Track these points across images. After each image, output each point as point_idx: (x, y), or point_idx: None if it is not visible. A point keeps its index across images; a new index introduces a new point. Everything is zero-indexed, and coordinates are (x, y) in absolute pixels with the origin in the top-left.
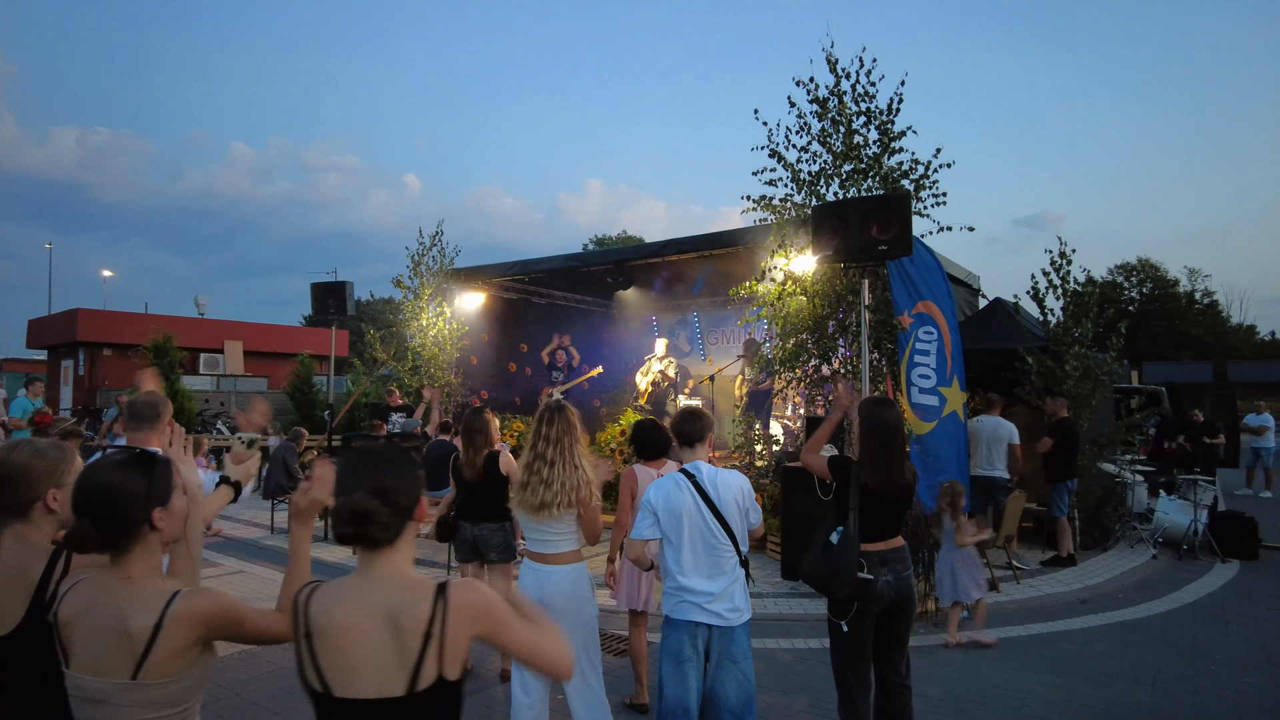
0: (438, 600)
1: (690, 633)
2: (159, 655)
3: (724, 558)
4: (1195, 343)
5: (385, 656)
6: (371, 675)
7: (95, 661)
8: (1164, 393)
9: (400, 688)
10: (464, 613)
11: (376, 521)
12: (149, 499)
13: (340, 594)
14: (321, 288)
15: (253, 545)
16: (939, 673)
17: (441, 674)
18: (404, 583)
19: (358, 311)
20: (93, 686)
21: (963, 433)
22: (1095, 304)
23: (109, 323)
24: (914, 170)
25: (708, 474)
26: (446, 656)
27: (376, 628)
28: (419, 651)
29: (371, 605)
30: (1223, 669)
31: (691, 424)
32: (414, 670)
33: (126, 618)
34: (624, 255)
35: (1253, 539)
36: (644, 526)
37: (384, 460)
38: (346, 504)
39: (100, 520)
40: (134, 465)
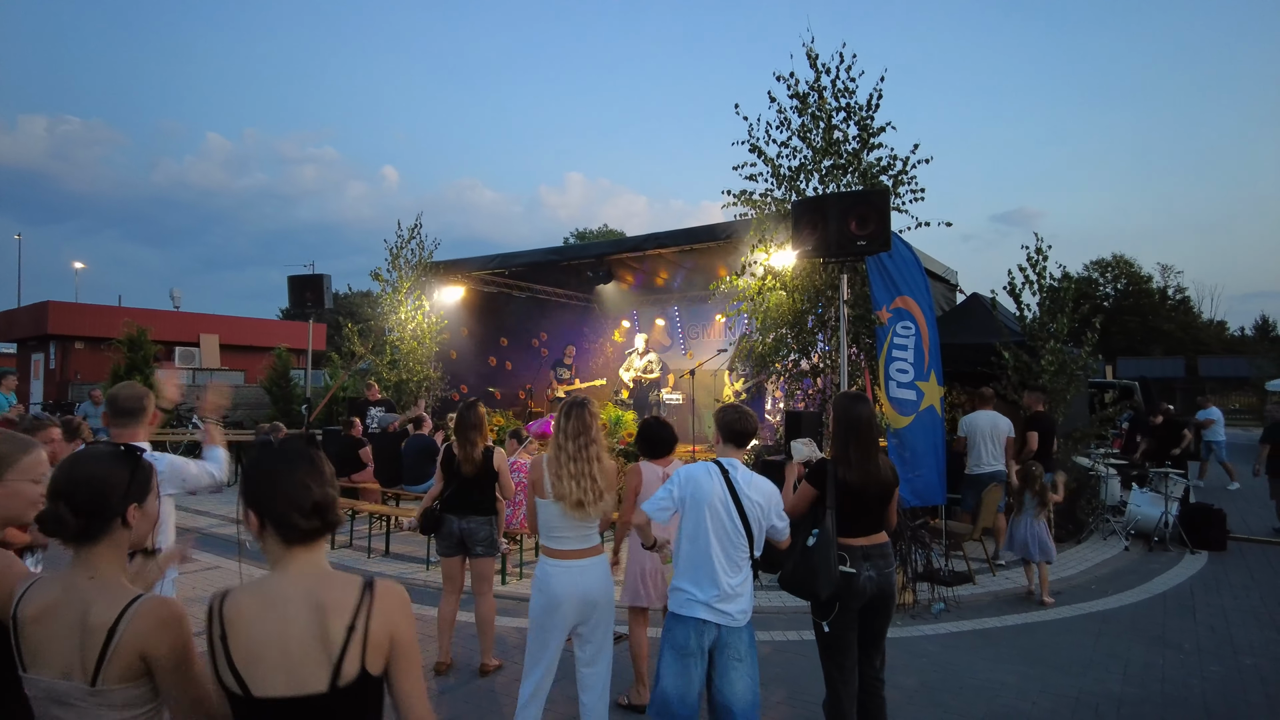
0: (364, 594)
1: (696, 629)
2: (117, 657)
3: (740, 556)
4: (1167, 338)
5: (306, 651)
6: (292, 671)
7: (60, 661)
8: (1137, 387)
9: (322, 683)
10: (386, 613)
11: (335, 506)
12: (128, 494)
13: (256, 589)
14: (299, 281)
15: (230, 541)
16: (914, 664)
17: (365, 668)
18: (325, 574)
19: (335, 305)
20: (57, 688)
21: (940, 426)
22: (1071, 299)
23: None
24: (893, 166)
25: (743, 473)
26: (370, 650)
27: (297, 622)
28: (342, 644)
29: (293, 599)
30: (1190, 658)
31: (746, 423)
32: (337, 664)
33: (87, 614)
34: (605, 249)
35: (1221, 531)
36: (661, 502)
37: (303, 452)
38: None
39: (79, 508)
40: (118, 458)
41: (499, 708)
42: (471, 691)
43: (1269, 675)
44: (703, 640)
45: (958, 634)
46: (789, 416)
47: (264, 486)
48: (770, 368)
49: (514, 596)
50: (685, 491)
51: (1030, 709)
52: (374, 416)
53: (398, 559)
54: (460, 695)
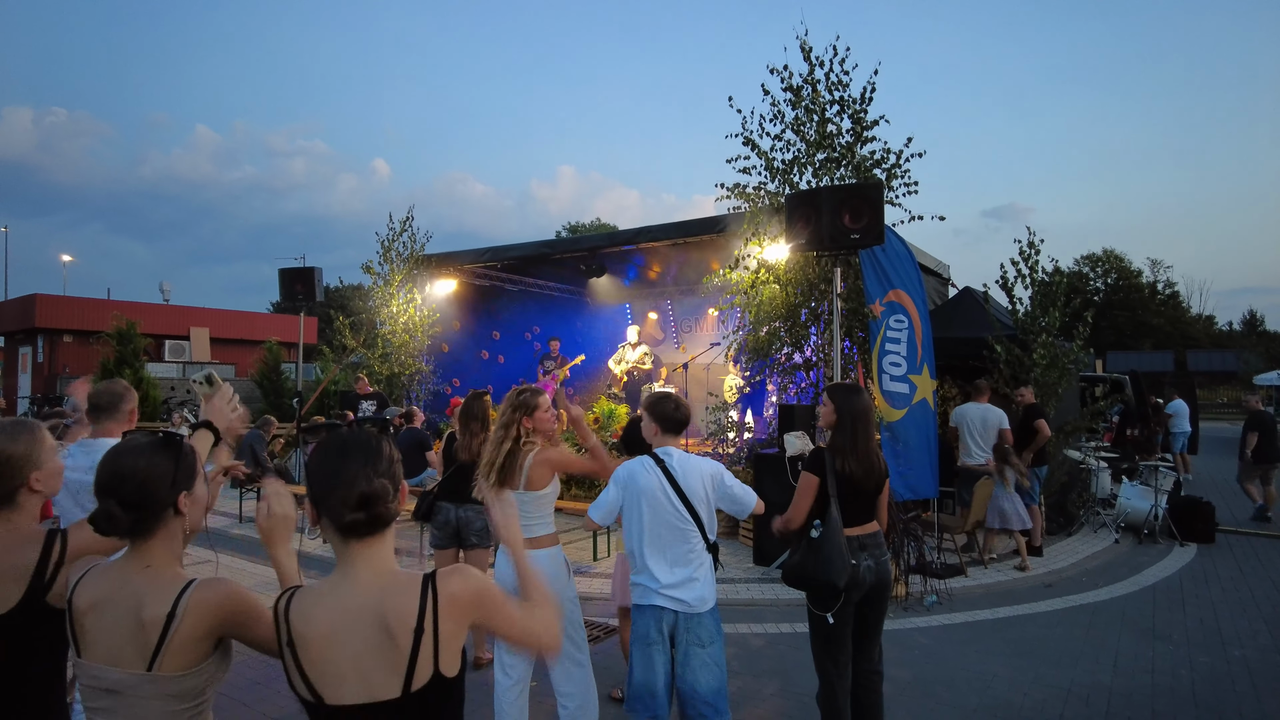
0: (425, 593)
1: (655, 617)
2: (173, 646)
3: (690, 544)
4: (1156, 332)
5: (375, 660)
6: (362, 680)
7: (112, 651)
8: (1127, 381)
9: (395, 690)
10: (455, 604)
11: (386, 502)
12: (175, 483)
13: (321, 598)
14: (289, 274)
15: (220, 534)
16: (907, 656)
17: (438, 670)
18: (388, 578)
19: (326, 298)
20: (109, 676)
21: (932, 420)
22: (1062, 294)
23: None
24: (886, 159)
25: (678, 459)
26: (442, 652)
27: (363, 630)
28: (411, 650)
29: (355, 607)
30: (1179, 649)
31: (677, 411)
32: (408, 670)
33: (142, 606)
34: (597, 242)
35: (1209, 523)
36: (604, 503)
37: (365, 441)
38: (352, 490)
39: (128, 502)
40: (161, 448)
41: (491, 699)
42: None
43: (1256, 666)
44: (663, 627)
45: (950, 626)
46: (782, 410)
47: (318, 477)
48: (764, 361)
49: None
50: (625, 488)
51: (1022, 700)
52: (365, 410)
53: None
54: None
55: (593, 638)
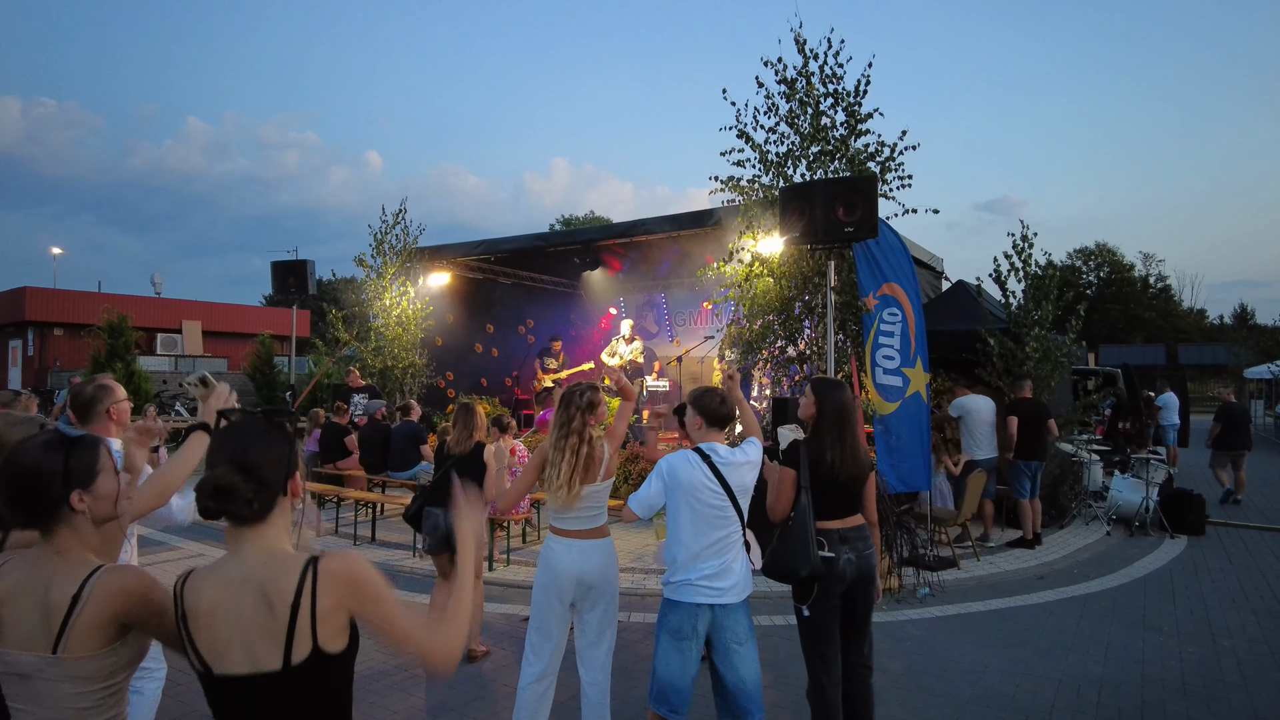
0: (306, 571)
1: (691, 614)
2: (78, 628)
3: (730, 537)
4: (1148, 326)
5: (257, 632)
6: (246, 651)
7: (23, 636)
8: (1120, 374)
9: (276, 662)
10: (333, 580)
11: (239, 497)
12: (66, 481)
13: (210, 574)
14: (282, 267)
15: (213, 529)
16: (899, 647)
17: (317, 645)
18: (272, 556)
19: (319, 291)
20: (19, 661)
21: (925, 413)
22: (1055, 287)
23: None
24: (880, 152)
25: (724, 453)
26: (321, 628)
27: (246, 603)
28: (288, 624)
29: (239, 581)
30: (1169, 640)
31: (723, 405)
32: (286, 643)
33: (49, 589)
34: (591, 235)
35: (1200, 515)
36: (645, 496)
37: (251, 434)
38: (210, 478)
39: (13, 500)
40: (52, 446)
41: (487, 693)
42: (460, 677)
43: (1245, 656)
44: (697, 624)
45: (942, 618)
46: (776, 403)
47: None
48: (757, 354)
49: (502, 583)
50: (668, 481)
51: (1014, 691)
52: (358, 404)
53: (384, 546)
54: (450, 683)
55: None
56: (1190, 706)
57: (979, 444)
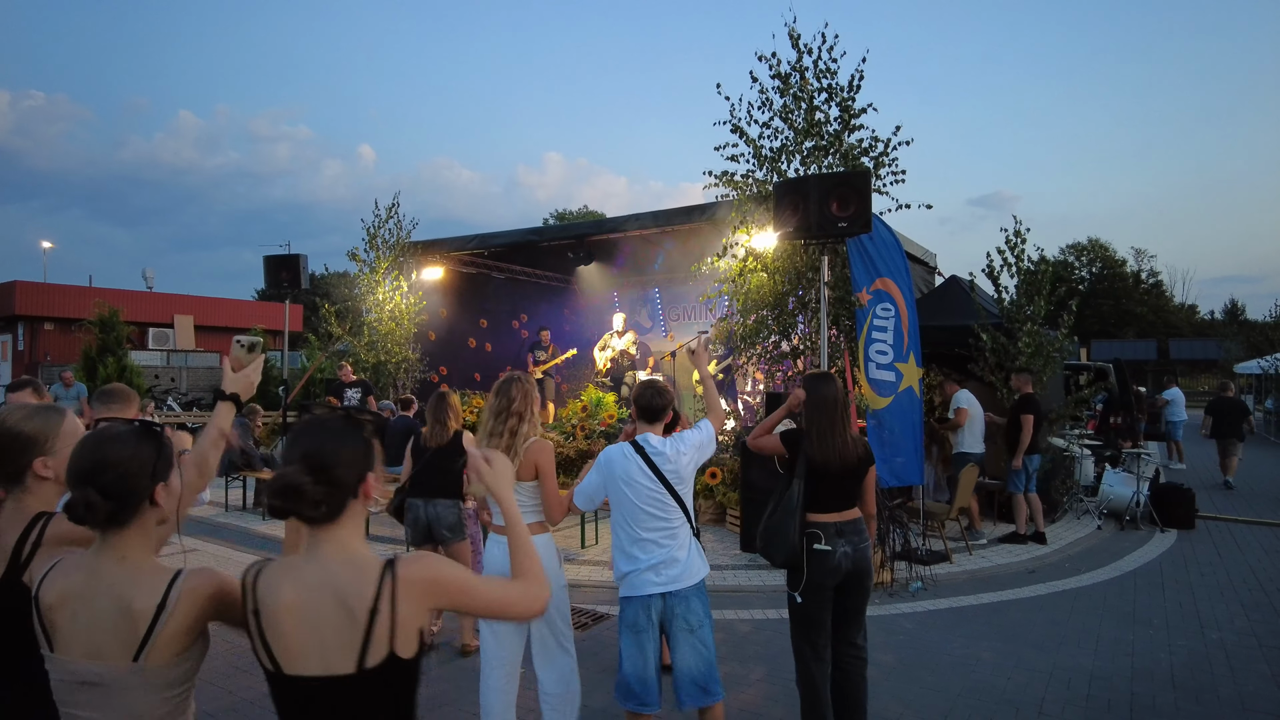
0: (384, 577)
1: (644, 604)
2: (164, 636)
3: (671, 523)
4: (1139, 321)
5: (331, 635)
6: (318, 654)
7: (90, 644)
8: (1111, 369)
9: (350, 666)
10: (414, 588)
11: (307, 498)
12: (155, 473)
13: (286, 573)
14: (274, 261)
15: (207, 523)
16: (891, 640)
17: (393, 651)
18: (349, 560)
19: (312, 285)
20: (88, 670)
21: (918, 408)
22: (1048, 282)
23: (50, 296)
24: (874, 148)
25: (655, 444)
26: (398, 634)
27: (322, 606)
28: (365, 629)
29: (317, 583)
30: (1158, 633)
31: (658, 399)
32: (361, 649)
33: (128, 598)
34: (585, 230)
35: (1189, 509)
36: (586, 489)
37: (325, 432)
38: (279, 476)
39: (109, 491)
40: (141, 436)
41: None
42: (453, 670)
43: (1233, 648)
44: (651, 614)
45: (934, 612)
46: (770, 398)
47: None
48: (749, 349)
49: None
50: (605, 474)
51: (1005, 684)
52: (351, 398)
53: (377, 540)
54: (443, 674)
55: (580, 624)
56: (1179, 698)
57: (972, 438)
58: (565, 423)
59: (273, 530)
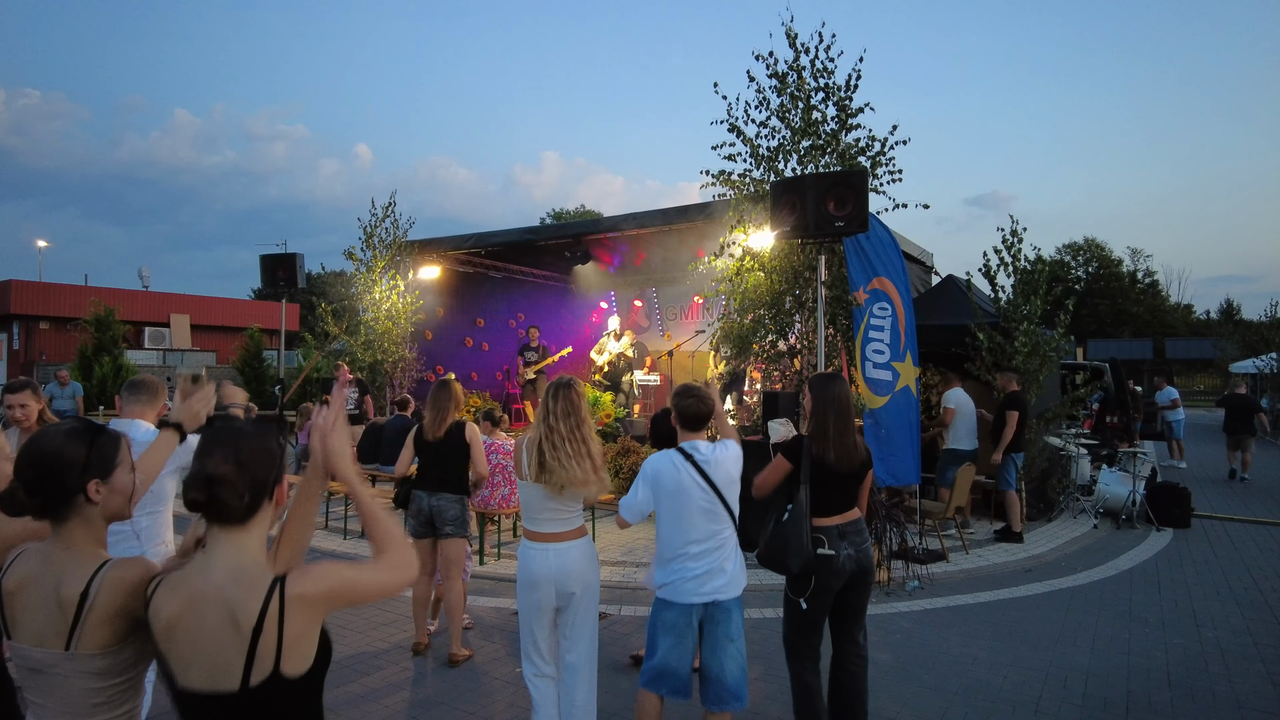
0: (271, 594)
1: (686, 611)
2: (89, 624)
3: (721, 534)
4: (1135, 320)
5: (218, 649)
6: (205, 667)
7: (35, 630)
8: (1108, 368)
9: (234, 683)
10: (305, 604)
11: (232, 489)
12: (85, 470)
13: (178, 583)
14: (271, 260)
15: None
16: (888, 639)
17: (278, 669)
18: (239, 573)
19: (309, 284)
20: (33, 655)
21: (915, 407)
22: (1044, 282)
23: (45, 295)
24: (871, 147)
25: (705, 451)
26: (285, 653)
27: (210, 619)
28: (249, 646)
29: (208, 595)
30: (1154, 631)
31: (702, 406)
32: (245, 666)
33: (60, 585)
34: (582, 229)
35: (1185, 508)
36: (634, 503)
37: (243, 432)
38: (202, 468)
39: (31, 486)
40: (76, 435)
41: (476, 686)
42: (449, 672)
43: (1228, 647)
44: (693, 619)
45: (931, 610)
46: (767, 397)
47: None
48: (749, 349)
49: (493, 576)
50: (654, 484)
51: (1001, 682)
52: (348, 399)
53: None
54: (439, 677)
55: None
56: (1174, 696)
57: (965, 435)
58: None
59: None
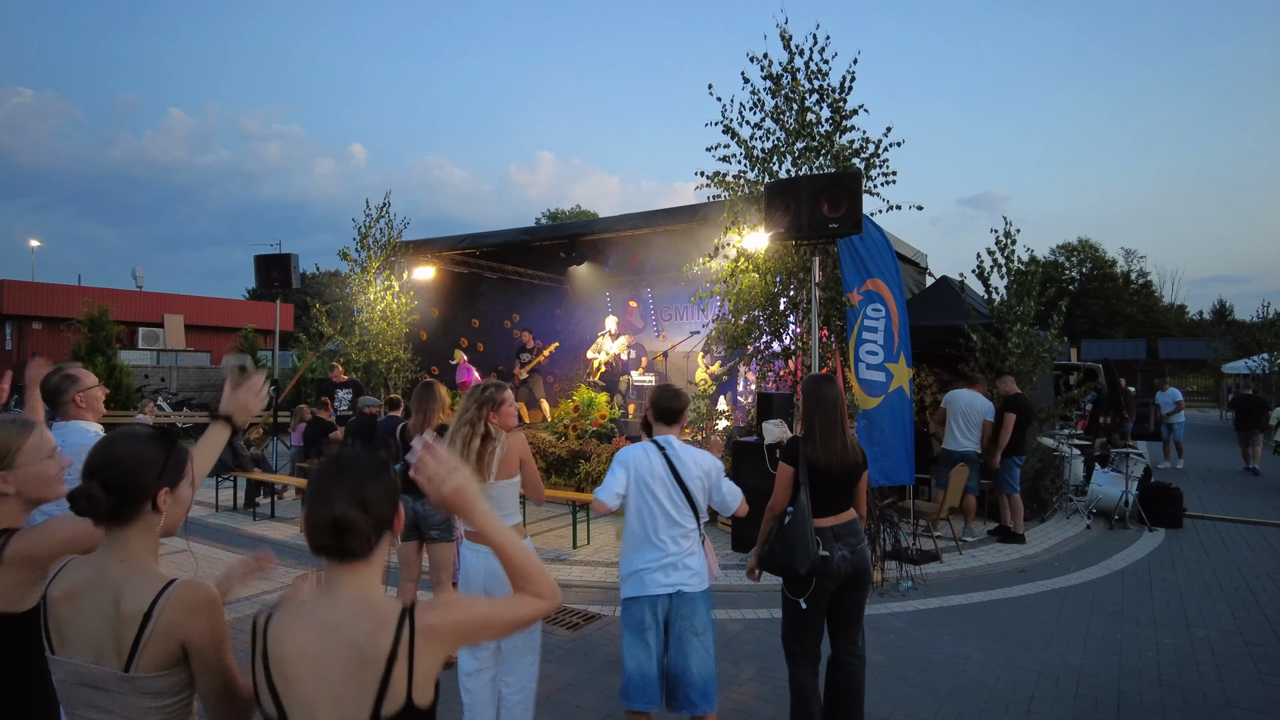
0: (401, 626)
1: (651, 604)
2: (151, 644)
3: (685, 527)
4: (1129, 321)
5: (345, 687)
6: (332, 705)
7: (90, 644)
8: (1101, 369)
9: (363, 715)
10: (433, 636)
11: (358, 533)
12: (161, 476)
13: (300, 618)
14: (265, 260)
15: (197, 524)
16: (882, 640)
17: (410, 700)
18: (367, 606)
19: (303, 285)
20: (88, 671)
21: (908, 408)
22: (1038, 283)
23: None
24: (865, 149)
25: (678, 447)
26: (416, 683)
27: (337, 655)
28: (381, 680)
29: (332, 632)
30: (1145, 631)
31: (674, 401)
32: (377, 698)
33: (120, 599)
34: (577, 229)
35: (1177, 509)
36: (612, 485)
37: (364, 468)
38: (327, 513)
39: (111, 486)
40: (154, 439)
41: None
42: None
43: (1219, 646)
44: (657, 614)
45: (925, 611)
46: (761, 398)
47: (311, 491)
48: (742, 350)
49: None
50: (628, 470)
51: (994, 682)
52: (342, 399)
53: None
54: None
55: (572, 624)
56: (1165, 695)
57: (959, 436)
58: (557, 423)
59: (262, 531)
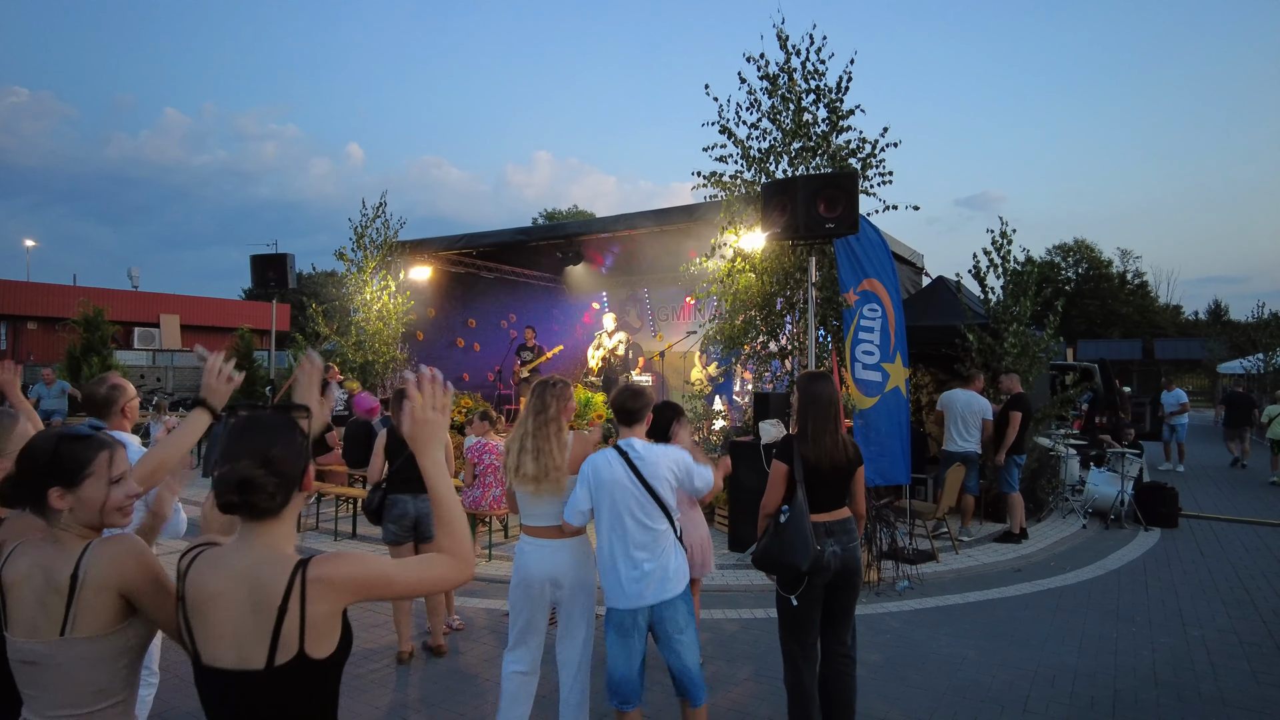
0: (295, 576)
1: (631, 613)
2: (83, 605)
3: (656, 532)
4: (1124, 321)
5: (245, 629)
6: (232, 646)
7: (30, 623)
8: (1097, 369)
9: (260, 661)
10: (327, 587)
11: (263, 490)
12: (46, 475)
13: (215, 561)
14: (261, 260)
15: (194, 524)
16: (878, 640)
17: (303, 651)
18: (273, 557)
19: (299, 285)
20: (27, 648)
21: (905, 407)
22: (1034, 283)
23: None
24: (861, 149)
25: (640, 448)
26: (309, 633)
27: (240, 600)
28: (274, 627)
29: (238, 576)
30: (1141, 630)
31: (631, 401)
32: (271, 646)
33: (49, 574)
34: (574, 229)
35: (1173, 508)
36: (575, 504)
37: (269, 427)
38: (233, 471)
39: (9, 478)
40: (54, 439)
41: (467, 686)
42: (439, 673)
43: (1214, 645)
44: (639, 620)
45: (921, 610)
46: (757, 398)
47: (220, 452)
48: (739, 350)
49: (483, 578)
50: (591, 482)
51: (990, 682)
52: (338, 399)
53: (364, 540)
54: (429, 677)
55: None
56: (1161, 695)
57: (956, 436)
58: None
59: None
